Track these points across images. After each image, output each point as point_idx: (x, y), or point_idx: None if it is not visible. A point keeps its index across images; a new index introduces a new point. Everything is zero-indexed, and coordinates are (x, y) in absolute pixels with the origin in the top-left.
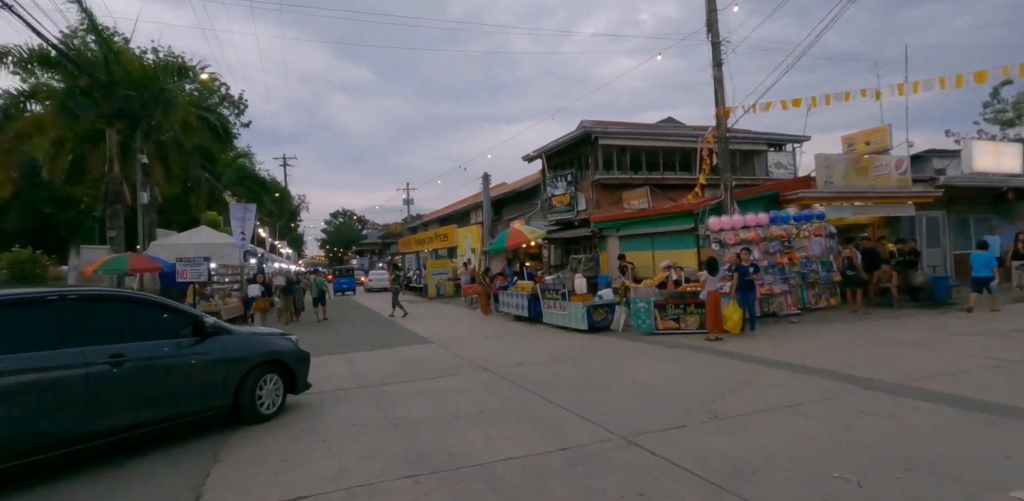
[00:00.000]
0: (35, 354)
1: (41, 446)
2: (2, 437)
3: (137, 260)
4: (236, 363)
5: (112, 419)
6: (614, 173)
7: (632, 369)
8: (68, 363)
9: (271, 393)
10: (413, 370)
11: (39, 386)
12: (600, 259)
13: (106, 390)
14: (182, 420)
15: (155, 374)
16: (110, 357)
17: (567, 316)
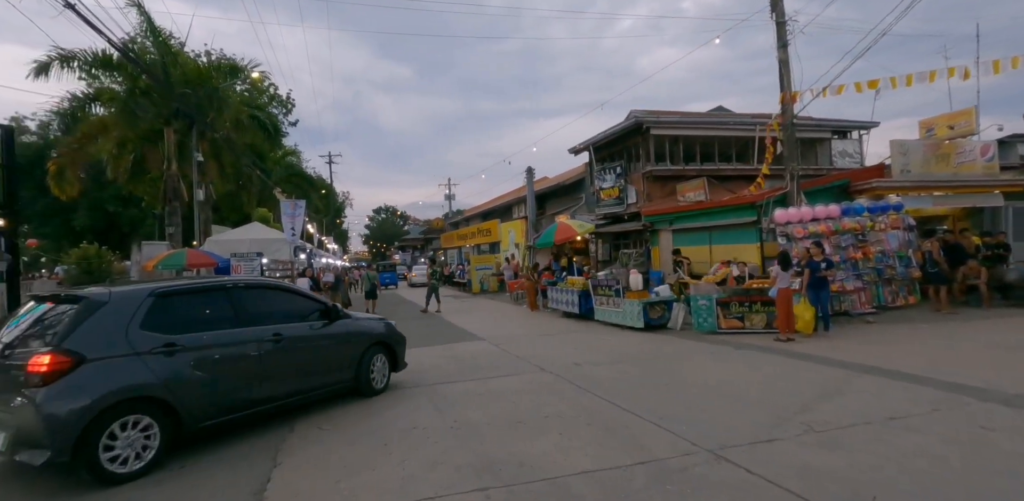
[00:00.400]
0: (223, 332)
1: (231, 407)
2: (205, 400)
3: (194, 255)
4: (355, 343)
5: (277, 387)
6: (666, 164)
7: (702, 372)
8: (246, 340)
9: (380, 370)
10: (468, 369)
11: (229, 358)
12: (651, 254)
13: (272, 363)
14: (321, 390)
15: (302, 351)
16: (272, 335)
17: (621, 313)
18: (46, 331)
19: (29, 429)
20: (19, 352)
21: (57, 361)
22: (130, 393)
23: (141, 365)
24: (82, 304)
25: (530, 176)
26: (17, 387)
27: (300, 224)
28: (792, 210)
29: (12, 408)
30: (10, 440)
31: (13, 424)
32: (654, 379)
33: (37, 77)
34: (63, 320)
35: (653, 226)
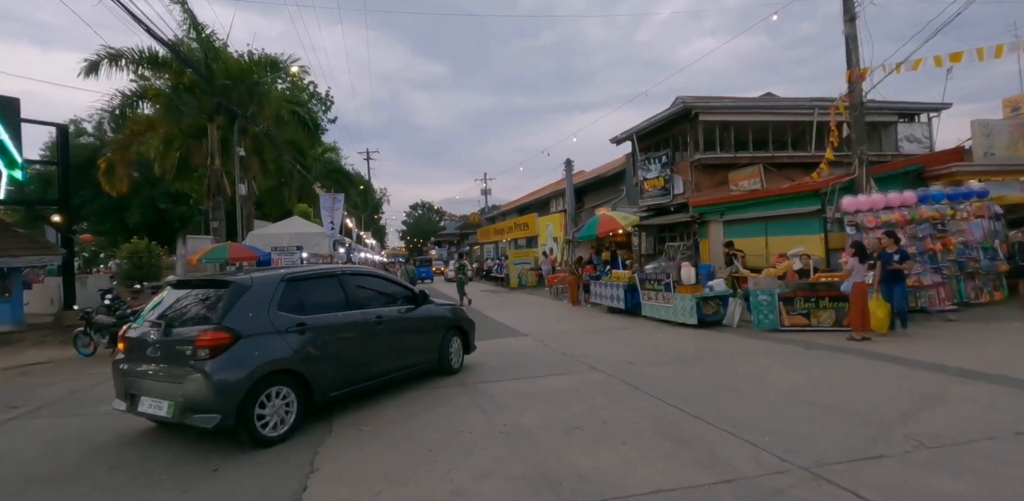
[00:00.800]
0: (339, 313)
1: (348, 381)
2: (329, 374)
3: (237, 249)
4: (438, 326)
5: (381, 364)
6: (716, 153)
7: (773, 374)
8: (357, 321)
9: (456, 352)
10: (513, 366)
11: (346, 337)
12: (700, 247)
13: (378, 342)
14: (411, 369)
15: (398, 332)
16: (375, 318)
17: (672, 309)
18: (201, 312)
19: (199, 396)
20: (179, 330)
21: (221, 337)
22: (276, 366)
23: (281, 342)
24: (231, 288)
25: (569, 169)
26: (183, 360)
27: (339, 218)
28: (862, 197)
29: (179, 379)
30: (179, 407)
31: (181, 393)
32: (720, 381)
33: (87, 76)
34: (216, 302)
35: (702, 217)
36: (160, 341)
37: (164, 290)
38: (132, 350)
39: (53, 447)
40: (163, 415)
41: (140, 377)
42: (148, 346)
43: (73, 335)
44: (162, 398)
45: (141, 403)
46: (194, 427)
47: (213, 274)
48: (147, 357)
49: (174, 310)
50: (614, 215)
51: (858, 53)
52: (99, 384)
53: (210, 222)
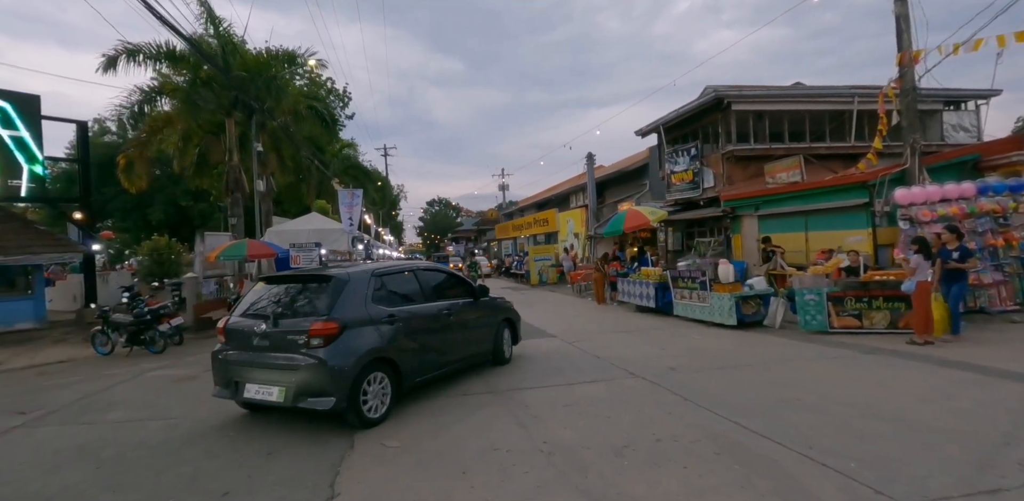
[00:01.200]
0: (417, 306)
1: (427, 369)
2: (415, 362)
3: (255, 246)
4: (493, 318)
5: (451, 353)
6: (749, 144)
7: (835, 383)
8: (431, 313)
9: (507, 342)
10: (545, 371)
11: (425, 328)
12: (732, 242)
13: (448, 332)
14: (473, 359)
15: (463, 323)
16: (446, 309)
17: (708, 308)
18: (304, 305)
19: (314, 381)
20: (287, 322)
21: (331, 327)
22: (376, 354)
23: (377, 331)
24: (332, 283)
25: (590, 163)
26: (295, 349)
27: (358, 214)
28: (916, 189)
29: (291, 366)
30: (292, 391)
31: (294, 379)
32: (777, 391)
33: (106, 71)
34: (318, 296)
35: (734, 212)
36: (268, 332)
37: (257, 285)
38: (234, 341)
39: (55, 461)
40: (273, 400)
41: (245, 366)
42: (254, 337)
43: (91, 334)
44: (271, 384)
45: (246, 390)
46: (308, 410)
47: (303, 270)
48: (254, 347)
49: (274, 303)
50: (641, 210)
51: (909, 34)
52: (113, 386)
53: (228, 219)
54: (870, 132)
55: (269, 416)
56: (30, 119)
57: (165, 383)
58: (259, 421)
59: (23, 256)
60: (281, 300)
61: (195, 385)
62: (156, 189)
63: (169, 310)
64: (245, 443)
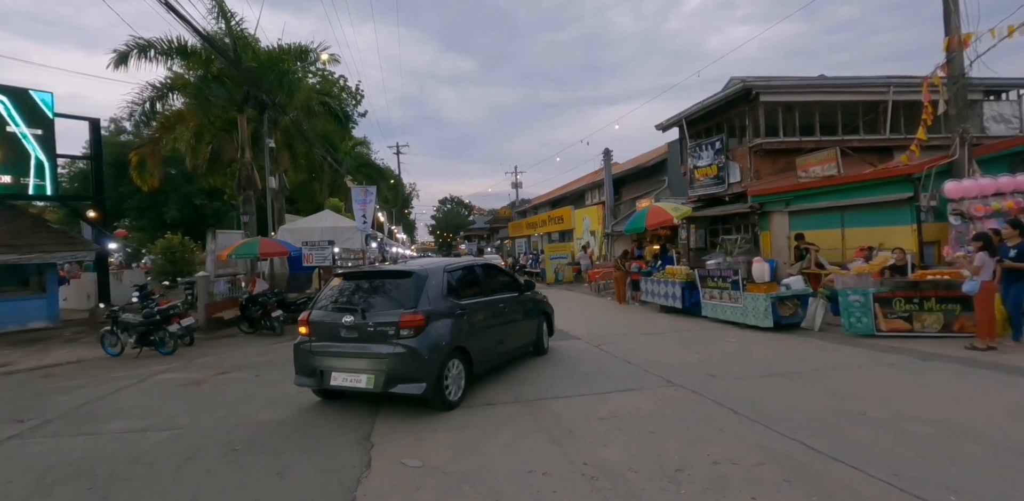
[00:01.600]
0: (479, 300)
1: (491, 358)
2: (482, 351)
3: (267, 244)
4: (536, 311)
5: (507, 343)
6: (779, 137)
7: (900, 394)
8: (489, 305)
9: (544, 334)
10: (574, 377)
11: (487, 320)
12: (761, 240)
13: (504, 324)
14: (521, 350)
15: (515, 315)
16: (502, 303)
17: (740, 309)
18: (387, 299)
19: (405, 369)
20: (374, 314)
21: (419, 319)
22: (455, 343)
23: (454, 322)
24: (413, 278)
25: (608, 158)
26: (385, 339)
27: (371, 211)
28: (968, 182)
29: (382, 355)
30: (382, 379)
31: (385, 367)
32: (837, 404)
33: (117, 67)
34: (401, 290)
35: (762, 208)
36: (357, 324)
37: (335, 280)
38: (319, 333)
39: (47, 479)
40: (361, 387)
41: (332, 356)
42: (341, 329)
43: (101, 334)
44: (359, 373)
45: (333, 378)
46: (400, 395)
47: (381, 267)
48: (341, 338)
49: (356, 298)
50: (664, 206)
51: (958, 15)
52: (118, 391)
53: (240, 217)
54: (906, 124)
55: (282, 427)
56: (38, 115)
57: (172, 388)
58: (267, 433)
59: (35, 255)
60: (363, 294)
61: (203, 390)
62: (171, 188)
63: (179, 310)
64: (252, 460)
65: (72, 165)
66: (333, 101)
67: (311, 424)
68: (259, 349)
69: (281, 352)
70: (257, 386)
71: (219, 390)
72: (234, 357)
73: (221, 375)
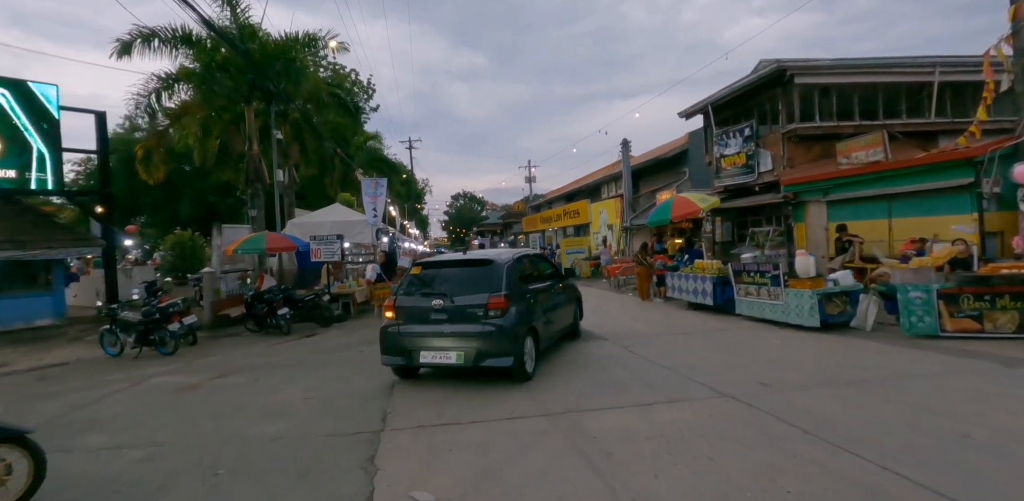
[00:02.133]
0: (536, 285)
1: (548, 337)
2: (545, 330)
3: (274, 239)
4: (573, 297)
5: (557, 325)
6: (815, 122)
7: (1002, 411)
8: (545, 290)
9: (578, 319)
10: (606, 386)
11: (545, 302)
12: (795, 232)
13: (556, 308)
14: (565, 331)
15: (561, 300)
16: (552, 289)
17: (781, 307)
18: (470, 284)
19: (494, 345)
20: (462, 298)
21: (504, 301)
22: (529, 323)
23: (526, 305)
24: (493, 266)
25: (626, 149)
26: (474, 320)
27: (382, 205)
28: None
29: (471, 334)
30: (472, 355)
31: (475, 344)
32: (931, 423)
33: (120, 57)
34: (484, 277)
35: (797, 198)
36: (446, 307)
37: (413, 269)
38: (407, 316)
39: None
40: (451, 363)
41: (421, 336)
42: (430, 312)
43: (100, 333)
44: (449, 350)
45: (422, 357)
46: (490, 368)
47: (456, 257)
48: (430, 320)
49: (441, 284)
50: (690, 197)
51: None
52: (106, 397)
53: (248, 210)
54: (953, 107)
55: (274, 445)
56: (42, 109)
57: (165, 394)
58: (257, 452)
59: (40, 251)
60: (447, 281)
61: (196, 397)
62: (184, 184)
63: (179, 308)
64: (233, 488)
65: (88, 162)
66: (343, 92)
67: (308, 440)
68: (264, 349)
69: (286, 353)
70: (255, 393)
71: (213, 397)
72: (236, 358)
73: (218, 379)
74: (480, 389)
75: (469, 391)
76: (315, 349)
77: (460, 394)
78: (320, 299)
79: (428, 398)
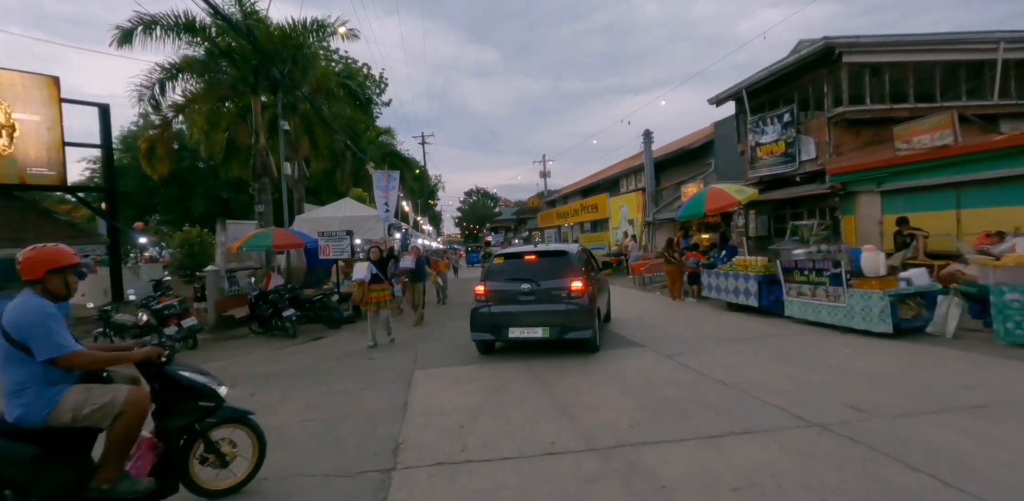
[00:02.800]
0: (594, 273)
1: (605, 319)
2: (603, 311)
3: (281, 235)
4: (606, 287)
5: (603, 309)
6: (866, 104)
7: None
8: (598, 279)
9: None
10: (660, 408)
11: (599, 287)
12: (842, 225)
13: (601, 293)
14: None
15: (604, 288)
16: (598, 277)
17: (843, 310)
18: (549, 270)
19: (576, 321)
20: (545, 282)
21: (583, 283)
22: (597, 303)
23: (593, 288)
24: (568, 256)
25: (648, 140)
26: (558, 300)
27: (395, 199)
28: None
29: (555, 312)
30: (557, 329)
31: (559, 320)
32: None
33: (120, 46)
34: (562, 264)
35: (845, 188)
36: (533, 290)
37: (495, 259)
38: (496, 298)
39: None
40: (538, 337)
41: (510, 315)
42: (518, 294)
43: (92, 337)
44: (536, 326)
45: (511, 332)
46: (572, 340)
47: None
48: (518, 301)
49: (525, 271)
50: (725, 188)
51: None
52: None
53: (255, 206)
54: (1018, 87)
55: (251, 497)
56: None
57: None
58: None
59: None
60: (529, 268)
61: None
62: (198, 181)
63: (176, 310)
64: None
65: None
66: (353, 83)
67: (299, 483)
68: (267, 354)
69: (289, 359)
70: None
71: None
72: (235, 366)
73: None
74: (508, 409)
75: (494, 410)
76: (321, 355)
77: (484, 415)
78: (329, 299)
79: (448, 422)
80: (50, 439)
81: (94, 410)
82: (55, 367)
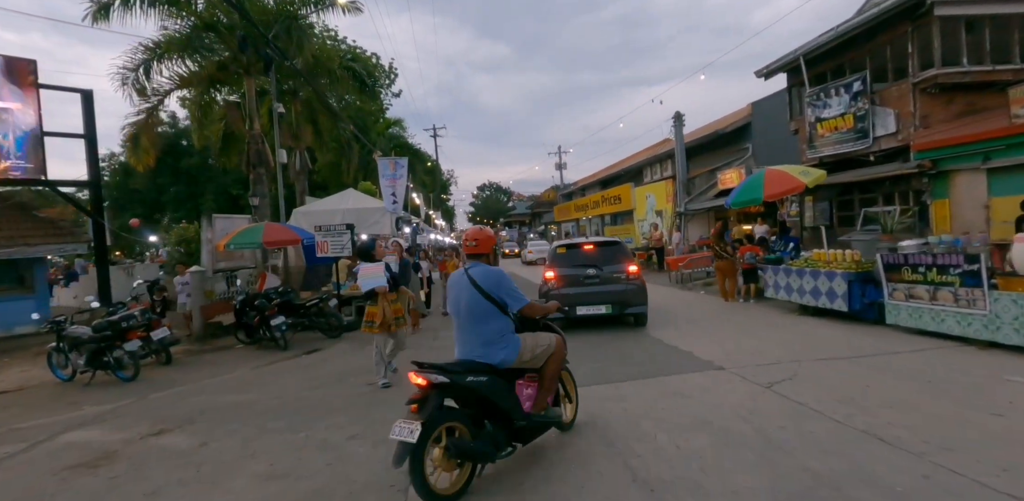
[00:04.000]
0: None
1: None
2: None
3: (274, 231)
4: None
5: None
6: (963, 66)
7: None
8: None
9: None
10: (804, 488)
11: None
12: (931, 211)
13: None
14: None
15: None
16: None
17: (983, 319)
18: (606, 257)
19: (634, 298)
20: (606, 267)
21: (638, 267)
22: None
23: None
24: (620, 245)
25: (679, 124)
26: (618, 282)
27: (403, 189)
28: None
29: (616, 291)
30: (619, 306)
31: (620, 299)
32: None
33: (96, 21)
34: (615, 252)
35: (935, 167)
36: (597, 274)
37: (558, 248)
38: (565, 282)
39: None
40: (603, 312)
41: (578, 295)
42: (584, 278)
43: (47, 352)
44: (600, 304)
45: (579, 310)
46: (631, 314)
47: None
48: (583, 283)
49: (586, 258)
50: (788, 170)
51: None
52: (22, 453)
53: (250, 198)
54: None
55: None
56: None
57: (49, 475)
58: None
59: (15, 248)
60: (589, 256)
61: (93, 485)
62: (207, 178)
63: (135, 321)
64: None
65: (112, 158)
66: (358, 65)
67: None
68: (245, 375)
69: (270, 384)
70: (187, 478)
71: (116, 489)
72: (203, 391)
73: (152, 438)
74: (537, 479)
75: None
76: (310, 376)
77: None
78: (326, 304)
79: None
80: (508, 376)
81: (542, 351)
82: (509, 319)
